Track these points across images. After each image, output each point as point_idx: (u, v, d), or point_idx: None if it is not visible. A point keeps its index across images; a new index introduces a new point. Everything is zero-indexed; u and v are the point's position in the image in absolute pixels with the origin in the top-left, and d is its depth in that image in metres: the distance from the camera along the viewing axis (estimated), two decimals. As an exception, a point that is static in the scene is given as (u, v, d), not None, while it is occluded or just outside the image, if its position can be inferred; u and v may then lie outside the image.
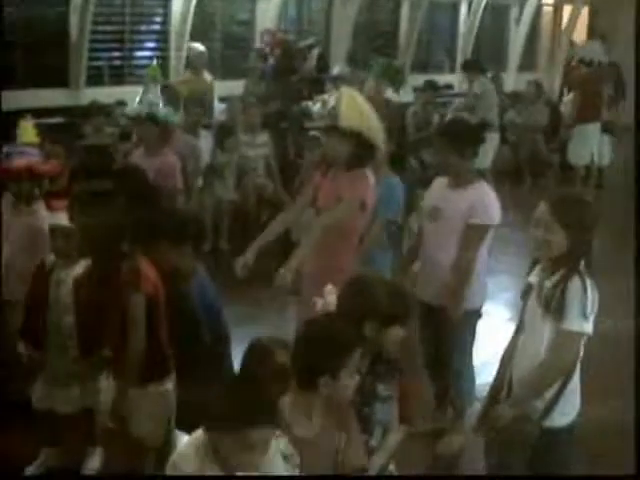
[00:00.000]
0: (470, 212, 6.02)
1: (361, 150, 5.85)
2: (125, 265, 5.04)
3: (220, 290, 5.83)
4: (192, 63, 13.15)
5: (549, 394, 4.50)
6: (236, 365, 5.24)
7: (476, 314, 6.29)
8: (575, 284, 4.36)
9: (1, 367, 6.79)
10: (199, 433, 3.50)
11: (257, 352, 4.72)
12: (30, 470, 5.99)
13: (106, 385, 5.28)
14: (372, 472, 4.11)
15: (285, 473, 3.54)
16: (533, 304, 4.59)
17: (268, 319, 8.18)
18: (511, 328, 4.99)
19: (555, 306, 4.39)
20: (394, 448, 4.31)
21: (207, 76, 13.00)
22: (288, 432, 3.63)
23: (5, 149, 6.89)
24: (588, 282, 4.39)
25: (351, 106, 5.93)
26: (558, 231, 4.43)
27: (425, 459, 6.36)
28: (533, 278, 4.65)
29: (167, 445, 5.30)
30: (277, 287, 5.54)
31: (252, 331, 5.92)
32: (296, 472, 3.63)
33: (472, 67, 14.41)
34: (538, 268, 4.64)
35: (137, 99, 9.17)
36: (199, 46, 13.20)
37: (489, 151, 12.73)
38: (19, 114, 8.54)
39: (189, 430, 5.28)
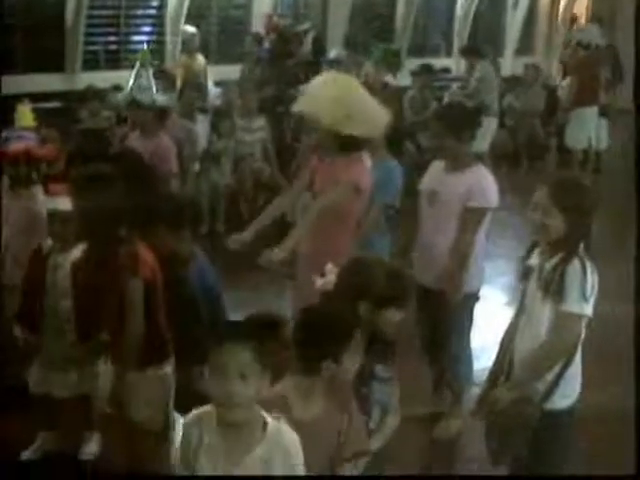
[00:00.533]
0: (468, 195, 6.00)
1: (335, 137, 5.83)
2: (123, 249, 5.03)
3: (216, 273, 5.81)
4: (185, 46, 13.12)
5: (550, 376, 4.51)
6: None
7: (474, 297, 6.28)
8: (574, 266, 4.38)
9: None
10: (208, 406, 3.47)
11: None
12: (26, 454, 5.99)
13: (104, 369, 5.27)
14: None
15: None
16: (533, 287, 4.61)
17: (265, 304, 8.13)
18: (509, 312, 5.00)
19: (555, 288, 4.41)
20: (391, 431, 4.31)
21: (200, 59, 12.97)
22: (288, 414, 3.61)
23: (4, 134, 6.90)
24: (588, 264, 4.40)
25: (313, 91, 5.95)
26: (556, 215, 4.44)
27: (422, 443, 6.37)
28: (533, 261, 4.67)
29: (166, 429, 5.31)
30: (264, 266, 5.53)
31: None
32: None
33: (471, 52, 14.37)
34: (537, 251, 4.65)
35: (130, 84, 9.18)
36: (191, 28, 13.17)
37: (487, 135, 12.71)
38: (17, 98, 8.54)
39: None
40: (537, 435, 4.54)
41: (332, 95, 5.83)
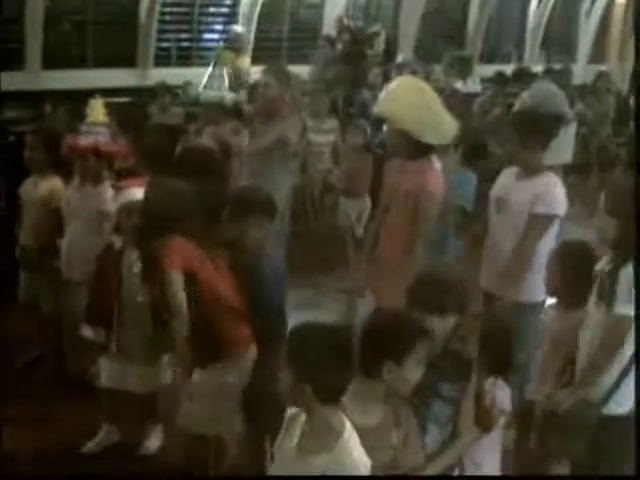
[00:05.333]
0: (534, 202, 5.94)
1: (410, 143, 5.81)
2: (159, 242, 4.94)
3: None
4: (230, 45, 13.10)
5: (608, 381, 4.58)
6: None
7: (539, 306, 6.19)
8: (627, 271, 4.45)
9: (61, 345, 6.89)
10: None
11: None
12: (88, 447, 6.04)
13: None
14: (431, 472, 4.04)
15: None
16: (594, 292, 4.68)
17: (328, 306, 8.13)
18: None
19: (607, 292, 4.51)
20: (457, 454, 4.22)
21: (246, 59, 12.98)
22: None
23: (80, 127, 6.95)
24: None
25: (392, 94, 5.93)
26: (609, 219, 4.56)
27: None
28: (597, 267, 4.72)
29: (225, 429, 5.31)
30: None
31: (312, 317, 5.86)
32: None
33: (522, 76, 13.99)
34: (605, 257, 4.70)
35: (204, 81, 9.21)
36: (238, 28, 13.16)
37: (569, 145, 12.56)
38: (89, 93, 8.62)
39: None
40: (596, 439, 4.62)
41: (417, 101, 5.85)
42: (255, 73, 12.53)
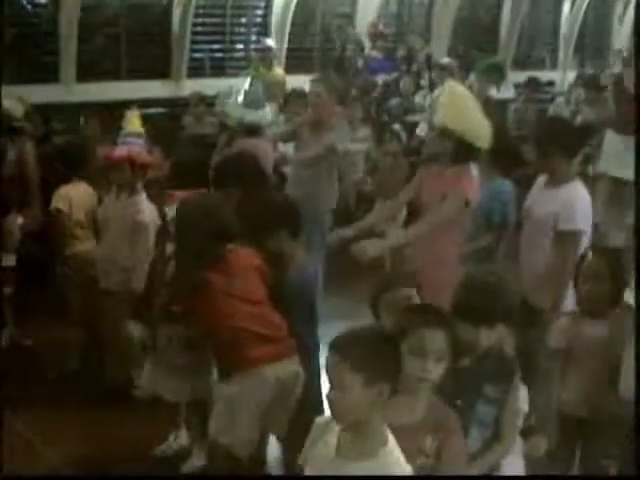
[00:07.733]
0: (556, 217, 5.85)
1: (461, 148, 5.77)
2: None
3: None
4: (263, 57, 13.07)
5: None
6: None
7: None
8: None
9: (101, 355, 6.92)
10: None
11: None
12: (160, 450, 6.07)
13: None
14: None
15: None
16: None
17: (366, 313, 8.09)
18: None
19: None
20: (497, 459, 4.16)
21: (279, 71, 12.95)
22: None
23: (116, 138, 7.01)
24: None
25: (451, 103, 5.88)
26: None
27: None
28: None
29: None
30: (355, 256, 5.43)
31: (350, 324, 5.82)
32: None
33: (595, 85, 13.81)
34: None
35: (240, 98, 9.17)
36: (269, 41, 13.11)
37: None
38: (124, 105, 8.66)
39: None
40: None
41: (474, 106, 5.86)
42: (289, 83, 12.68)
